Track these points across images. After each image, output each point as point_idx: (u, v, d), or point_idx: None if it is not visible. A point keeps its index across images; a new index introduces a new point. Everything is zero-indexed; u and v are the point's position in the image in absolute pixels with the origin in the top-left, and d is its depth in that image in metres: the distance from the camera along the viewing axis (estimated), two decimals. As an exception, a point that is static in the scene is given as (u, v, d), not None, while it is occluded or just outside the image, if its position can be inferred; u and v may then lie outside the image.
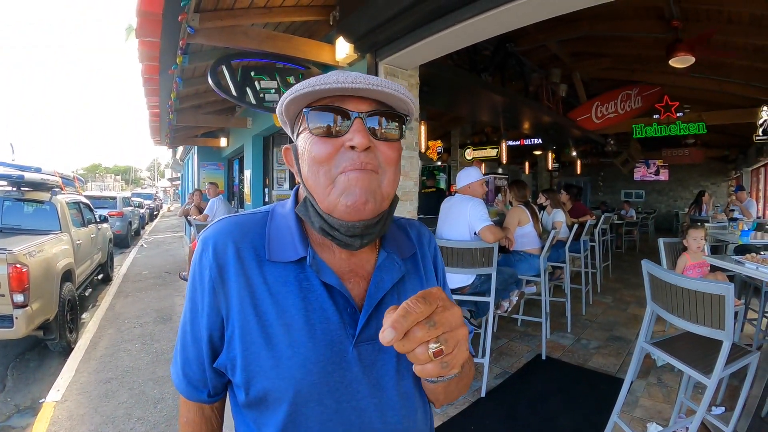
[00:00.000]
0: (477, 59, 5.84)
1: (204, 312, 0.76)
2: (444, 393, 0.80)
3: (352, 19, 3.37)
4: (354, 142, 0.67)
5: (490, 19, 2.68)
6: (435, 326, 0.52)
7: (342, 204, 0.69)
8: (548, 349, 4.01)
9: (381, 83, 0.67)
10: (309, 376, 0.71)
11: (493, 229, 3.39)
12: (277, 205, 0.86)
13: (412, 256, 0.87)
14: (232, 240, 0.76)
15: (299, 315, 0.73)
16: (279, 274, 0.75)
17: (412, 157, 3.69)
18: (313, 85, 0.67)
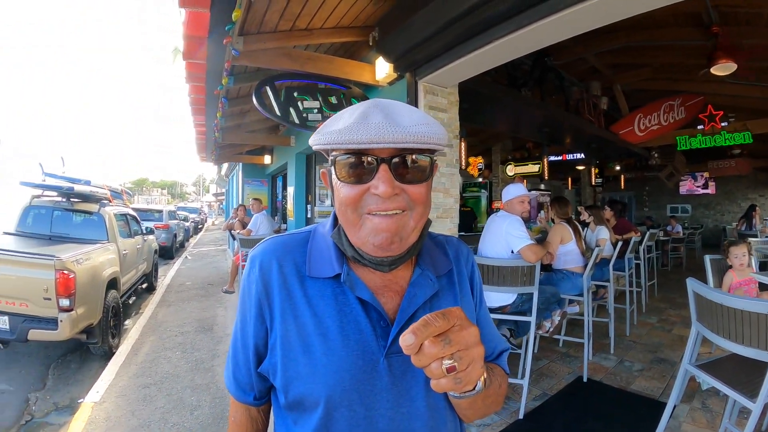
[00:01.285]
0: (516, 74, 5.80)
1: (251, 322, 0.84)
2: (471, 409, 0.81)
3: (390, 39, 3.42)
4: (379, 191, 0.70)
5: (526, 36, 2.66)
6: (450, 344, 0.56)
7: (369, 243, 0.74)
8: (590, 371, 3.88)
9: (401, 137, 0.67)
10: (341, 382, 0.76)
11: (534, 248, 3.32)
12: (319, 225, 0.92)
13: (447, 273, 0.90)
14: (276, 258, 0.84)
15: (335, 326, 0.78)
16: (318, 288, 0.82)
17: (452, 174, 3.68)
18: (335, 142, 0.69)
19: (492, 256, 3.53)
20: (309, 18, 3.29)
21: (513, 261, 3.38)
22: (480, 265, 3.49)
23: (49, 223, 5.61)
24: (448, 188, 3.66)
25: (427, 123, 0.71)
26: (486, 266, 3.45)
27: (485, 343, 0.85)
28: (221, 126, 5.87)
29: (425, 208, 0.77)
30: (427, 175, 0.75)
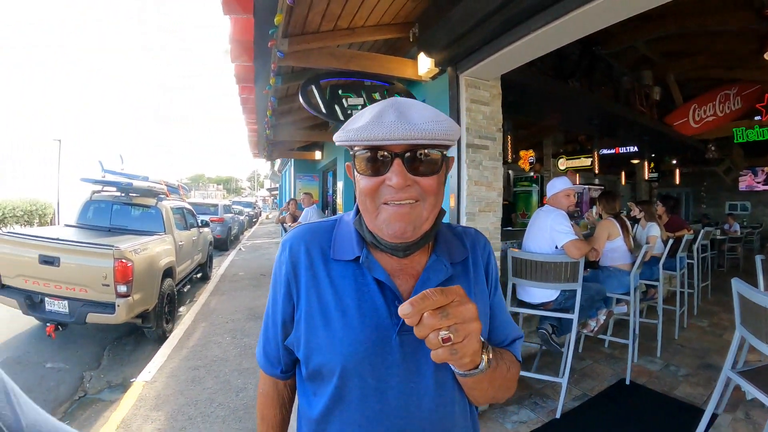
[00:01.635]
0: (563, 65, 5.65)
1: (280, 300, 0.94)
2: (477, 389, 0.86)
3: (429, 35, 3.45)
4: (392, 183, 0.79)
5: (566, 24, 2.61)
6: (447, 317, 0.63)
7: (385, 231, 0.84)
8: (633, 373, 3.79)
9: (412, 134, 0.75)
10: (355, 354, 0.84)
11: (578, 243, 3.27)
12: (345, 214, 1.02)
13: (463, 261, 0.97)
14: (304, 243, 0.94)
15: (353, 303, 0.87)
16: (340, 270, 0.91)
17: (495, 168, 3.66)
18: (354, 139, 0.78)
19: (536, 251, 3.50)
20: (350, 17, 3.38)
21: (556, 257, 3.34)
22: (522, 260, 3.48)
23: (108, 216, 6.01)
24: (491, 182, 3.64)
25: (437, 120, 0.78)
26: (529, 261, 3.43)
27: (498, 330, 0.97)
28: (272, 124, 6.13)
29: (437, 198, 0.85)
30: (438, 168, 0.83)
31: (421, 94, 3.91)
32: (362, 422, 0.85)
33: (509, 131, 7.42)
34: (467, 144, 3.39)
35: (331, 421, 0.88)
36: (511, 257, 3.56)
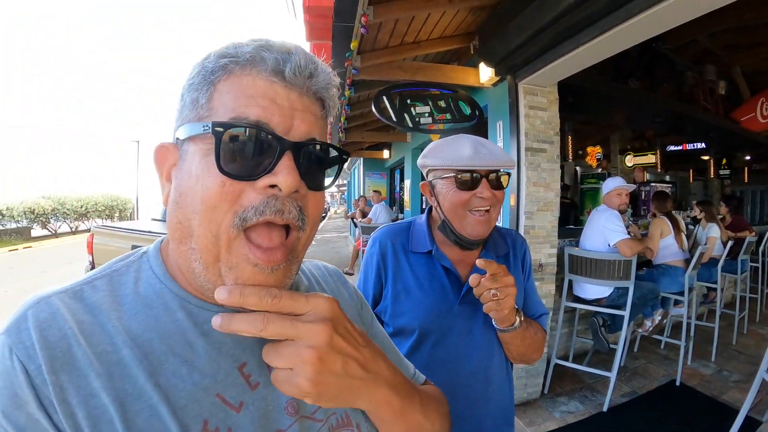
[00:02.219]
0: (622, 64, 5.60)
1: (372, 280, 1.32)
2: (512, 344, 1.24)
3: (489, 46, 3.64)
4: (483, 195, 1.17)
5: (617, 35, 2.66)
6: (496, 281, 1.06)
7: (470, 231, 1.22)
8: (685, 375, 3.84)
9: (497, 162, 1.17)
10: (428, 317, 1.23)
11: (630, 242, 3.41)
12: (417, 217, 1.42)
13: (505, 255, 1.36)
14: (390, 239, 1.34)
15: (426, 282, 1.27)
16: (416, 259, 1.31)
17: (552, 170, 3.81)
18: (465, 166, 1.18)
19: (591, 249, 3.67)
20: (415, 33, 3.69)
21: (610, 254, 3.49)
22: (578, 257, 3.67)
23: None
24: (549, 183, 3.78)
25: (506, 154, 1.22)
26: (584, 258, 3.61)
27: (529, 306, 1.38)
28: (344, 127, 6.66)
29: (500, 208, 1.25)
30: (504, 184, 1.23)
31: (483, 99, 4.12)
32: (431, 366, 1.21)
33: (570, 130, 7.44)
34: (526, 147, 3.57)
35: None
36: (568, 254, 3.76)
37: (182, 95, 0.57)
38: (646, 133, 10.59)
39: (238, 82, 0.53)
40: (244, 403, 0.55)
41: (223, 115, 0.52)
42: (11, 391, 0.45)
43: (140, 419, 0.48)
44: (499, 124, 3.80)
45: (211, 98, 0.53)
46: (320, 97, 0.58)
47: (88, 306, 0.52)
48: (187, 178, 0.54)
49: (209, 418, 0.52)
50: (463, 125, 3.97)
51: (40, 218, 18.15)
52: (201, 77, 0.55)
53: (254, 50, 0.53)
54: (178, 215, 0.54)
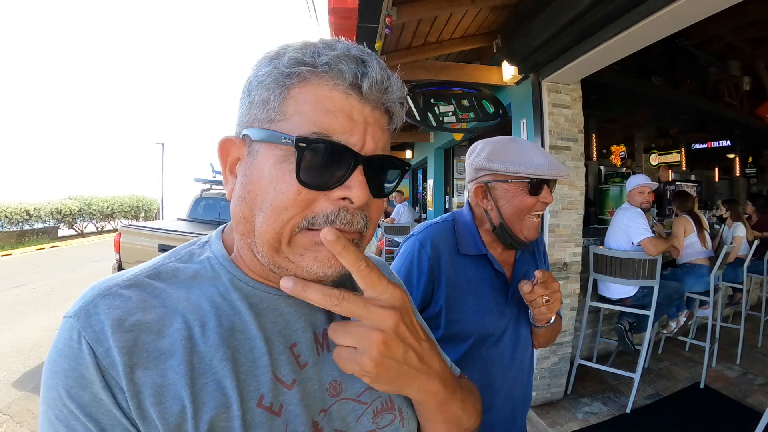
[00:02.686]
0: (644, 61, 5.54)
1: (421, 283, 1.26)
2: (542, 337, 1.33)
3: (511, 45, 3.64)
4: (547, 200, 1.22)
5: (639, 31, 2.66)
6: (547, 288, 1.14)
7: (526, 235, 1.26)
8: (709, 378, 3.78)
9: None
10: (484, 322, 1.25)
11: (654, 241, 3.38)
12: (457, 214, 1.41)
13: (532, 252, 1.44)
14: (441, 240, 1.31)
15: (478, 285, 1.28)
16: (467, 261, 1.30)
17: (578, 168, 3.79)
18: (545, 175, 1.19)
19: (615, 247, 3.65)
20: (438, 33, 3.71)
21: (634, 253, 3.46)
22: (602, 256, 3.65)
23: (217, 211, 6.72)
24: (573, 181, 3.76)
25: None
26: (608, 257, 3.58)
27: None
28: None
29: None
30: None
31: (507, 98, 4.11)
32: (484, 366, 1.27)
33: (594, 128, 7.34)
34: (550, 146, 3.56)
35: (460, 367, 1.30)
36: (593, 253, 3.73)
37: (249, 90, 0.59)
38: (670, 131, 10.38)
39: (315, 92, 0.55)
40: (296, 381, 0.59)
41: (299, 125, 0.54)
42: (77, 372, 0.48)
43: (205, 392, 0.52)
44: (522, 122, 3.79)
45: (285, 102, 0.55)
46: (390, 110, 0.61)
47: (155, 291, 0.56)
48: (257, 178, 0.56)
49: (265, 393, 0.56)
50: (486, 124, 3.97)
51: (67, 218, 18.57)
52: (273, 79, 0.56)
53: (332, 60, 0.54)
54: (244, 211, 0.58)
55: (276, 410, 0.56)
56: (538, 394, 3.55)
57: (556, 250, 3.51)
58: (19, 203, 16.44)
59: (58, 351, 0.50)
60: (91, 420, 0.48)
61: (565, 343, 3.59)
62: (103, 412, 0.48)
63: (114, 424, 0.48)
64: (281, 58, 0.56)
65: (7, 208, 15.71)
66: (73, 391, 0.48)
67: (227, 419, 0.52)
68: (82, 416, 0.48)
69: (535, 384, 3.51)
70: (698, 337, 4.41)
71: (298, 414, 0.58)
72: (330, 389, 0.62)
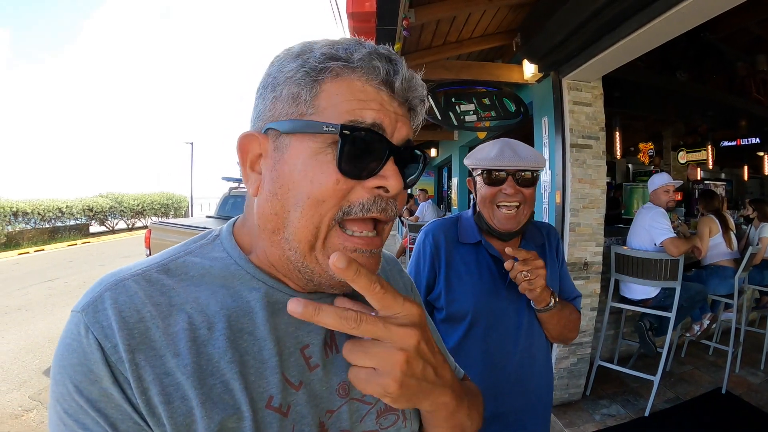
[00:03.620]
0: (669, 56, 5.40)
1: (426, 269, 1.44)
2: (549, 323, 1.39)
3: (531, 43, 3.61)
4: (507, 192, 1.30)
5: (660, 25, 2.61)
6: (527, 265, 1.22)
7: (498, 225, 1.35)
8: (732, 384, 3.68)
9: (521, 164, 1.28)
10: (479, 301, 1.35)
11: (677, 241, 3.32)
12: (464, 212, 1.55)
13: (541, 245, 1.50)
14: (442, 231, 1.47)
15: (476, 269, 1.40)
16: (466, 249, 1.44)
17: (598, 166, 3.75)
18: (484, 166, 1.33)
19: (638, 247, 3.60)
20: (457, 33, 3.71)
21: (656, 253, 3.42)
22: (624, 255, 3.61)
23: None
24: (594, 179, 3.72)
25: (534, 156, 1.32)
26: (630, 257, 3.54)
27: (565, 290, 1.52)
28: None
29: (532, 203, 1.36)
30: (533, 182, 1.34)
31: (528, 96, 4.09)
32: (485, 347, 1.35)
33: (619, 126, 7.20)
34: (571, 144, 3.53)
35: (463, 348, 1.37)
36: (614, 253, 3.69)
37: (274, 86, 0.59)
38: (698, 128, 10.09)
39: (349, 85, 0.56)
40: (303, 382, 0.60)
41: (334, 116, 0.55)
42: (86, 368, 0.49)
43: (214, 393, 0.52)
44: (544, 120, 3.77)
45: (317, 97, 0.56)
46: (413, 108, 0.63)
47: (164, 288, 0.56)
48: (289, 172, 0.56)
49: (274, 394, 0.56)
50: (508, 122, 3.95)
51: (99, 215, 19.18)
52: (303, 74, 0.56)
53: (366, 57, 0.56)
54: (275, 207, 0.58)
55: (284, 411, 0.57)
56: (556, 394, 3.52)
57: (576, 250, 3.49)
58: (52, 201, 17.03)
59: (66, 346, 0.51)
60: (100, 414, 0.48)
61: (584, 344, 3.57)
62: (113, 406, 0.49)
63: (124, 418, 0.49)
64: (310, 53, 0.57)
65: (40, 205, 16.27)
66: (82, 386, 0.49)
67: (237, 420, 0.52)
68: (92, 411, 0.48)
69: (553, 384, 3.49)
70: (723, 341, 4.29)
71: (305, 414, 0.59)
72: (339, 390, 0.63)
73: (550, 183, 3.65)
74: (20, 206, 15.33)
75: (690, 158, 10.21)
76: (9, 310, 6.70)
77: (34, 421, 3.55)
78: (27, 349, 5.09)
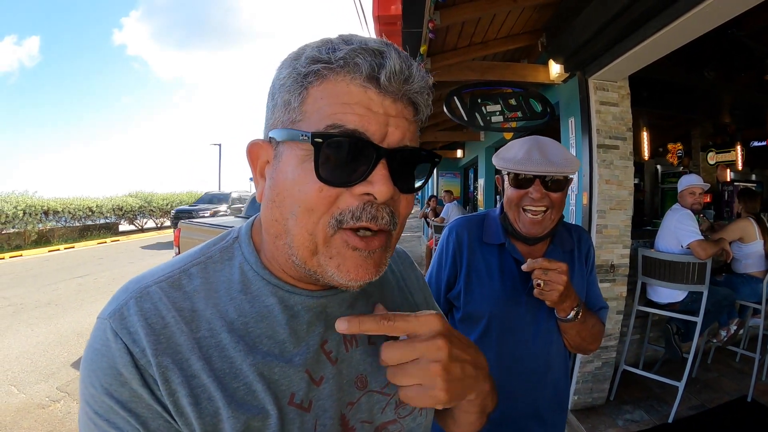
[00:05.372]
0: (696, 54, 5.24)
1: (447, 266, 1.41)
2: (569, 333, 1.32)
3: (556, 43, 3.60)
4: (533, 196, 1.25)
5: (687, 22, 2.55)
6: (547, 275, 1.16)
7: (523, 229, 1.30)
8: (758, 391, 3.58)
9: (551, 169, 1.22)
10: (497, 305, 1.31)
11: (704, 244, 3.25)
12: (491, 210, 1.49)
13: (570, 250, 1.42)
14: (466, 229, 1.43)
15: (498, 271, 1.35)
16: (490, 249, 1.38)
17: (626, 167, 3.69)
18: (511, 169, 1.28)
19: (664, 250, 3.54)
20: (482, 34, 3.72)
21: (682, 256, 3.35)
22: (651, 258, 3.55)
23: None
24: (621, 180, 3.65)
25: (566, 159, 1.26)
26: (657, 260, 3.48)
27: (591, 299, 1.45)
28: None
29: (561, 207, 1.30)
30: (562, 187, 1.28)
31: (554, 96, 4.05)
32: (499, 350, 1.31)
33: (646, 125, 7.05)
34: (598, 144, 3.49)
35: None
36: (641, 256, 3.64)
37: (272, 94, 0.59)
38: (727, 128, 9.81)
39: (333, 89, 0.53)
40: (324, 377, 0.62)
41: (318, 122, 0.53)
42: (115, 371, 0.51)
43: (238, 395, 0.55)
44: (570, 120, 3.74)
45: (304, 102, 0.54)
46: (414, 101, 0.59)
47: (186, 294, 0.58)
48: (283, 180, 0.56)
49: (296, 391, 0.59)
50: (535, 123, 3.93)
51: (128, 215, 19.67)
52: (293, 80, 0.55)
53: (348, 55, 0.53)
54: (275, 213, 0.58)
55: (306, 406, 0.59)
56: (579, 398, 3.50)
57: (603, 252, 3.45)
58: (82, 200, 17.55)
59: (95, 350, 0.53)
60: (131, 414, 0.50)
61: (609, 348, 3.52)
62: (144, 406, 0.51)
63: (154, 417, 0.51)
64: (300, 58, 0.56)
65: (71, 204, 16.78)
66: (113, 388, 0.51)
67: (263, 419, 0.55)
68: (122, 411, 0.50)
69: (576, 388, 3.47)
70: (750, 347, 4.14)
71: (327, 408, 0.61)
72: (357, 382, 0.65)
73: (577, 184, 3.60)
74: (51, 205, 15.82)
75: (719, 159, 9.91)
76: (39, 305, 6.96)
77: (60, 412, 3.68)
78: (56, 343, 5.29)
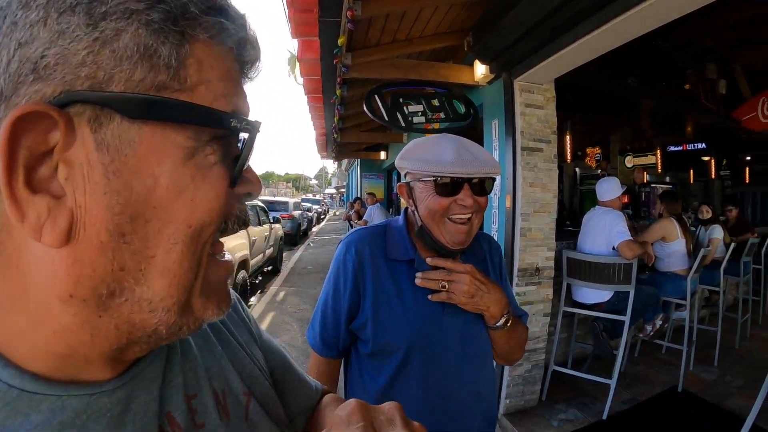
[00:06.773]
0: (620, 62, 5.48)
1: (347, 291, 1.16)
2: (498, 344, 1.20)
3: (483, 42, 3.53)
4: (465, 203, 1.06)
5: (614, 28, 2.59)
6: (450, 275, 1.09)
7: (449, 241, 1.10)
8: (687, 381, 3.73)
9: (482, 170, 1.06)
10: (414, 333, 1.10)
11: (632, 244, 3.30)
12: (392, 221, 1.28)
13: (483, 259, 1.29)
14: (367, 244, 1.18)
15: (410, 292, 1.14)
16: (397, 266, 1.17)
17: (550, 170, 3.71)
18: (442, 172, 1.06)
19: (591, 251, 3.56)
20: (407, 30, 3.57)
21: (609, 257, 3.39)
22: (576, 260, 3.56)
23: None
24: (545, 183, 3.67)
25: (492, 159, 1.09)
26: (582, 262, 3.49)
27: None
28: (339, 128, 6.55)
29: (483, 215, 1.13)
30: (489, 190, 1.11)
31: (479, 98, 4.01)
32: (422, 386, 1.11)
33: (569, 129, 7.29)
34: (522, 147, 3.47)
35: (395, 388, 1.13)
36: (566, 257, 3.64)
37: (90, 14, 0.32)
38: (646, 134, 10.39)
39: (212, 53, 0.38)
40: None
41: (207, 99, 0.37)
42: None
43: None
44: (494, 123, 3.69)
45: (185, 65, 0.36)
46: None
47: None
48: (146, 191, 0.35)
49: None
50: (458, 124, 3.86)
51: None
52: (165, 14, 0.34)
53: (237, 19, 0.40)
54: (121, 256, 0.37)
55: None
56: (511, 401, 3.44)
57: (527, 255, 3.41)
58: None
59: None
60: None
61: (538, 350, 3.49)
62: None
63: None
64: None
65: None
66: None
67: None
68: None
69: (508, 392, 3.42)
70: (675, 339, 4.33)
71: None
72: None
73: (500, 187, 3.55)
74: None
75: (636, 162, 10.56)
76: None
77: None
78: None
